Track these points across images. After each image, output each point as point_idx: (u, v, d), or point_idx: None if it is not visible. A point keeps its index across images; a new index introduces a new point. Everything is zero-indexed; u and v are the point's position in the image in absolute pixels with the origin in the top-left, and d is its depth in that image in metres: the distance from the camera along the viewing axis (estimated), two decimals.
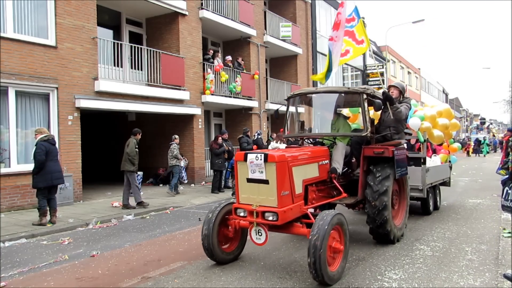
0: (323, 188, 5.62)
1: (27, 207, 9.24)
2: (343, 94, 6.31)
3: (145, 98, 12.38)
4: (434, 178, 8.52)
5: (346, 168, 6.26)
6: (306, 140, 6.67)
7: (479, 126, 75.50)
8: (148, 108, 12.44)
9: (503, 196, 5.17)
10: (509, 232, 6.47)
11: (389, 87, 6.55)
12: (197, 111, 14.31)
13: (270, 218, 4.44)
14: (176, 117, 14.27)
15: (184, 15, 13.96)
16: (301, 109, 7.65)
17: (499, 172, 12.64)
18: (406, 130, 7.82)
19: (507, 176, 5.43)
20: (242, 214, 4.71)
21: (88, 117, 12.98)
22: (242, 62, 16.87)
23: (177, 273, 4.85)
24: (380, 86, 25.93)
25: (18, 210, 9.13)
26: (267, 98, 18.53)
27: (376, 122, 6.60)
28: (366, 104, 5.80)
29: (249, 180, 4.67)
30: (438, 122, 8.48)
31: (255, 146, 12.37)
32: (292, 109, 6.61)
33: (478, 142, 37.02)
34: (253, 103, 17.18)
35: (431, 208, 8.46)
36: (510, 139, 12.71)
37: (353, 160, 6.30)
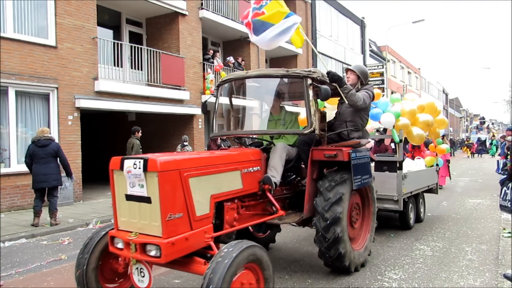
0: (254, 204, 4.33)
1: (27, 207, 9.24)
2: (282, 79, 4.88)
3: (145, 98, 12.38)
4: (414, 185, 7.07)
5: (294, 176, 4.97)
6: (246, 140, 5.31)
7: (479, 126, 75.52)
8: (148, 108, 12.44)
9: (501, 196, 5.19)
10: (509, 232, 6.47)
11: (346, 70, 5.31)
12: (197, 111, 14.31)
13: (152, 253, 3.10)
14: (176, 117, 14.27)
15: (184, 15, 13.96)
16: (252, 102, 6.45)
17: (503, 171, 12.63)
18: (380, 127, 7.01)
19: (505, 176, 5.44)
20: (119, 245, 3.35)
21: (88, 117, 12.98)
22: (243, 62, 16.87)
23: (177, 273, 4.85)
24: (380, 86, 25.99)
25: (18, 210, 9.13)
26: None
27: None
28: (311, 92, 4.42)
29: (128, 198, 3.30)
30: (419, 118, 7.11)
31: None
32: (224, 100, 5.26)
33: (479, 142, 36.78)
34: (254, 103, 17.16)
35: (411, 221, 7.08)
36: (507, 138, 12.67)
37: (303, 166, 4.97)
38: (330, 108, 6.24)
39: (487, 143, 36.56)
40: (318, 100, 4.70)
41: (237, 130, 5.50)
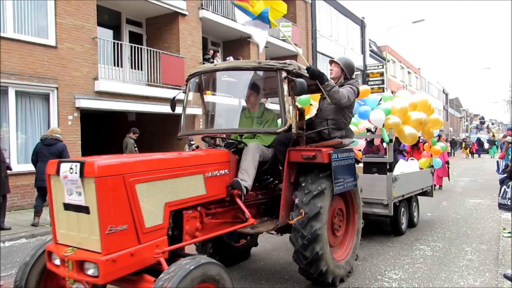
0: (222, 211, 3.88)
1: (27, 207, 9.24)
2: (257, 73, 4.35)
3: (145, 98, 12.38)
4: (407, 188, 6.66)
5: (271, 179, 4.51)
6: (222, 140, 4.77)
7: (479, 126, 75.55)
8: (148, 108, 12.45)
9: (501, 195, 5.20)
10: (509, 232, 6.48)
11: (330, 62, 4.85)
12: (198, 111, 14.26)
13: (90, 272, 2.69)
14: (177, 117, 14.16)
15: (184, 15, 13.97)
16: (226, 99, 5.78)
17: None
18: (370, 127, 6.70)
19: (505, 175, 5.46)
20: (56, 261, 2.90)
21: (88, 117, 12.98)
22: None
23: None
24: (380, 86, 26.00)
25: (18, 210, 9.13)
26: (267, 99, 18.53)
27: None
28: (285, 86, 3.98)
29: (66, 207, 2.88)
30: (411, 116, 6.67)
31: None
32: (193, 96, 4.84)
33: (478, 142, 36.62)
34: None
35: (403, 226, 6.68)
36: (507, 139, 12.67)
37: (281, 168, 4.43)
38: (316, 105, 6.02)
39: (485, 144, 36.09)
40: (306, 96, 4.48)
41: (206, 129, 4.95)
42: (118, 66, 11.90)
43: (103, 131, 16.48)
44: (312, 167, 4.14)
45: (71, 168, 2.76)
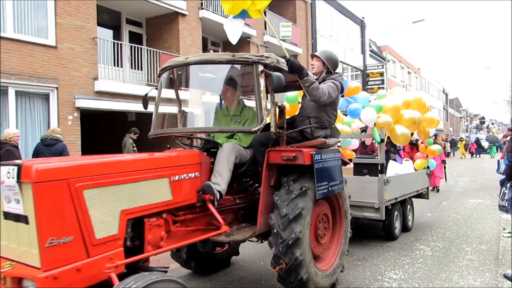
0: (193, 217, 3.58)
1: None
2: (234, 67, 4.10)
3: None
4: (400, 190, 6.34)
5: (251, 182, 4.26)
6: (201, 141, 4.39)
7: (479, 125, 75.54)
8: (148, 108, 12.42)
9: (500, 196, 5.22)
10: (509, 232, 6.48)
11: (311, 56, 4.49)
12: (198, 111, 14.29)
13: None
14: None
15: (184, 15, 13.96)
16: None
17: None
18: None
19: (505, 177, 5.47)
20: None
21: (88, 117, 12.98)
22: None
23: (177, 273, 4.85)
24: (380, 86, 26.00)
25: None
26: (267, 98, 18.52)
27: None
28: (262, 81, 3.69)
29: (6, 216, 2.59)
30: (404, 115, 6.35)
31: None
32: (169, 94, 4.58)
33: (477, 142, 36.42)
34: (254, 103, 17.17)
35: (396, 231, 6.37)
36: (507, 138, 12.67)
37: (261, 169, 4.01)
38: None
39: (484, 143, 35.69)
40: (295, 93, 4.23)
41: (177, 128, 4.49)
42: (118, 66, 11.90)
43: (103, 131, 16.49)
44: (294, 169, 3.81)
45: (8, 172, 2.47)
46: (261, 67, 3.70)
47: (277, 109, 3.84)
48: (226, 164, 3.72)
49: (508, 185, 5.34)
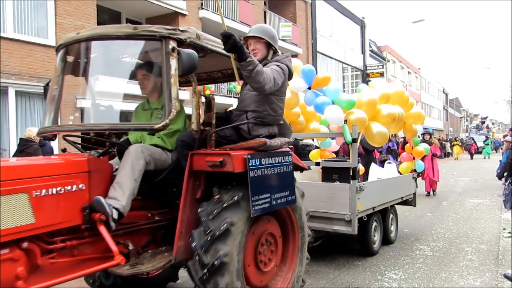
0: (78, 244, 2.69)
1: None
2: (147, 45, 3.15)
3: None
4: (379, 199, 5.42)
5: (177, 194, 3.17)
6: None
7: (479, 125, 75.56)
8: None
9: (503, 192, 5.30)
10: (509, 232, 6.48)
11: (245, 39, 3.39)
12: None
13: None
14: None
15: (184, 15, 13.97)
16: None
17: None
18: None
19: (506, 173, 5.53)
20: None
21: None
22: None
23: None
24: None
25: None
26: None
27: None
28: (174, 63, 2.82)
29: None
30: (381, 111, 5.40)
31: None
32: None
33: (474, 142, 35.94)
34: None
35: (375, 246, 5.46)
36: (507, 138, 12.65)
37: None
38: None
39: (479, 144, 34.98)
40: (240, 83, 3.32)
41: (72, 125, 3.34)
42: None
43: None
44: (231, 177, 2.92)
45: None
46: (172, 44, 2.83)
47: (203, 100, 3.06)
48: (129, 172, 2.83)
49: (510, 179, 5.41)
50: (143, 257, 3.00)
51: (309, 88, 5.37)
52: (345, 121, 5.06)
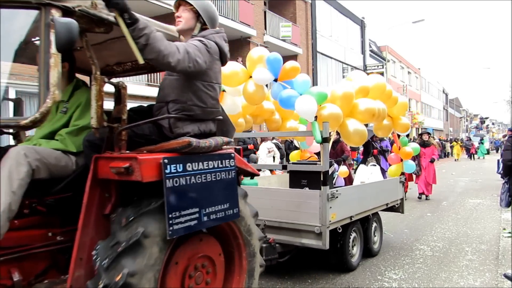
0: None
1: None
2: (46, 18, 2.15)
3: (145, 98, 12.38)
4: (358, 206, 4.74)
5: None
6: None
7: (479, 125, 75.55)
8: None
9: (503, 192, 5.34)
10: (509, 232, 6.48)
11: (175, 6, 2.81)
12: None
13: None
14: None
15: None
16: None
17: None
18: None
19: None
20: None
21: None
22: (242, 62, 16.89)
23: None
24: None
25: None
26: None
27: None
28: (53, 37, 2.09)
29: None
30: (358, 105, 4.69)
31: (251, 145, 9.61)
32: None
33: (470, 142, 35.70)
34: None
35: (354, 260, 4.78)
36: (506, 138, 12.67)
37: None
38: (231, 92, 4.50)
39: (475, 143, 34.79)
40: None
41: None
42: None
43: None
44: (153, 187, 2.29)
45: None
46: (55, 13, 2.09)
47: (106, 87, 2.47)
48: (6, 182, 2.19)
49: (505, 180, 5.45)
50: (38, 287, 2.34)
51: (275, 80, 4.58)
52: (316, 117, 4.30)
